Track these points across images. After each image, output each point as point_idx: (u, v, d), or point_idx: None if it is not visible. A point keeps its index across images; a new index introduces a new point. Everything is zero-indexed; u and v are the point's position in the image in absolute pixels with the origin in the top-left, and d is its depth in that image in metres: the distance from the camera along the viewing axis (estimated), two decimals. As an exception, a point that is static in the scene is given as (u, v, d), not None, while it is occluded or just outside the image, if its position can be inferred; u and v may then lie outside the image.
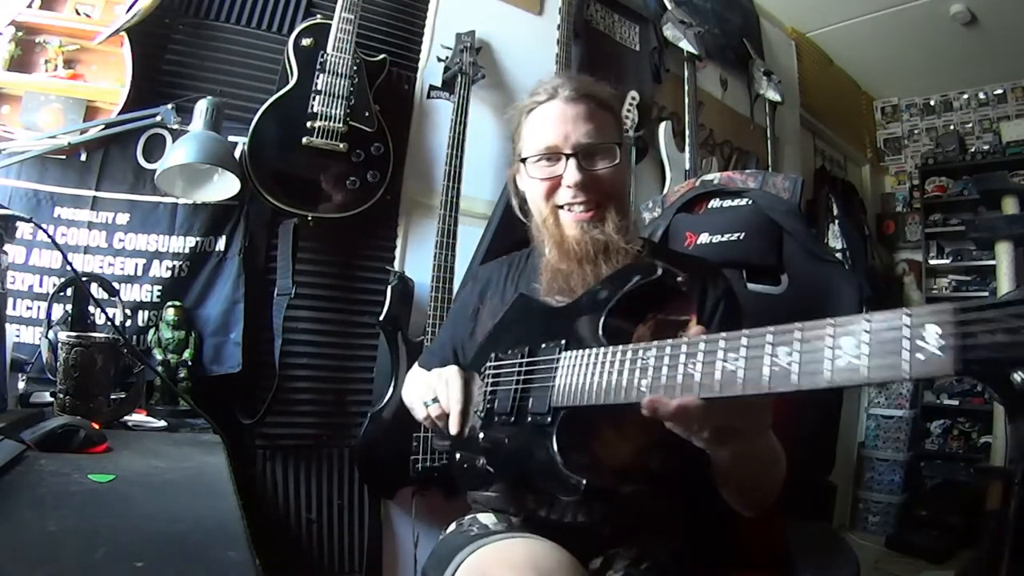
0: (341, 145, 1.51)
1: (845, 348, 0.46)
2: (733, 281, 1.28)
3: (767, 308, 1.25)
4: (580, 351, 0.73)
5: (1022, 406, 0.40)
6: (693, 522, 0.85)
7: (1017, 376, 0.38)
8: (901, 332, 0.42)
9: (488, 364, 0.88)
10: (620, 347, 0.68)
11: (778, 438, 0.78)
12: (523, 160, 0.93)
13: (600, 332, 0.73)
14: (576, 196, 0.89)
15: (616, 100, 0.98)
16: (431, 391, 0.88)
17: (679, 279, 0.71)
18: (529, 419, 0.76)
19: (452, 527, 0.92)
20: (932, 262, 3.83)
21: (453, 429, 0.84)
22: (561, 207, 0.92)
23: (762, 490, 0.78)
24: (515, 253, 1.10)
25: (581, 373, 0.72)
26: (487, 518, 0.90)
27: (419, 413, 0.92)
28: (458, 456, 0.88)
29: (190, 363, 1.43)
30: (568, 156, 0.89)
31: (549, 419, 0.73)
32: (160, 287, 1.46)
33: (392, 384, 1.53)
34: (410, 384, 1.06)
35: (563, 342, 0.77)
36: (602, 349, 0.71)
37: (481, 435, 0.84)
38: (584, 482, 0.67)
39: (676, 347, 0.61)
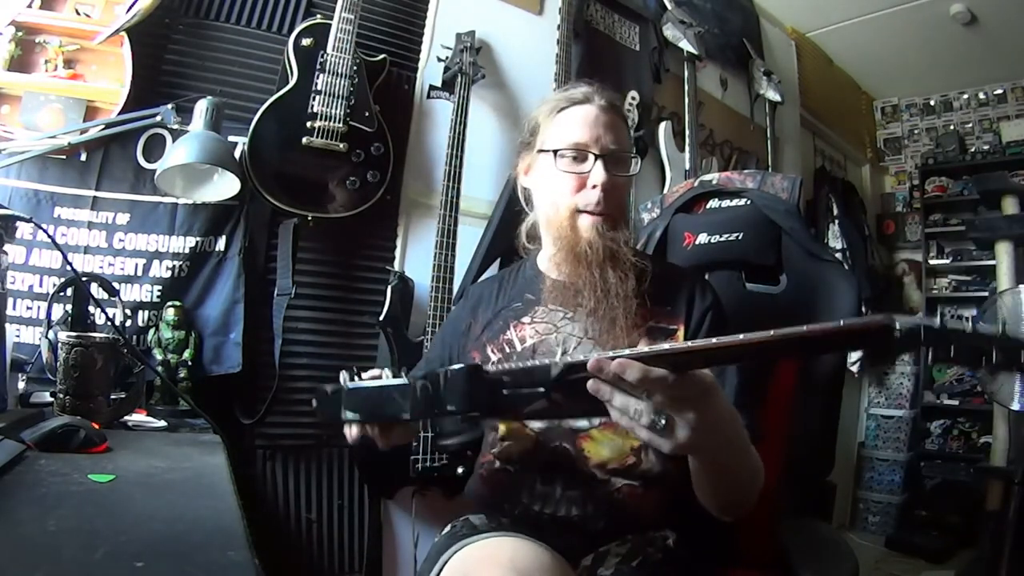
0: (341, 145, 1.51)
1: None
2: (732, 281, 1.30)
3: (766, 307, 1.25)
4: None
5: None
6: (687, 519, 0.86)
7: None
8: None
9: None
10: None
11: (777, 437, 0.79)
12: (553, 152, 0.94)
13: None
14: (599, 199, 0.91)
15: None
16: None
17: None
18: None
19: (447, 528, 0.93)
20: (932, 262, 3.82)
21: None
22: (580, 211, 0.93)
23: (735, 505, 0.77)
24: (505, 270, 1.12)
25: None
26: (477, 518, 0.90)
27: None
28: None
29: (190, 363, 1.43)
30: (597, 157, 0.92)
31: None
32: (160, 287, 1.46)
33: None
34: None
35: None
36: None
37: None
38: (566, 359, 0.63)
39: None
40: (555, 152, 0.94)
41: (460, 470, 1.49)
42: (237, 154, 1.47)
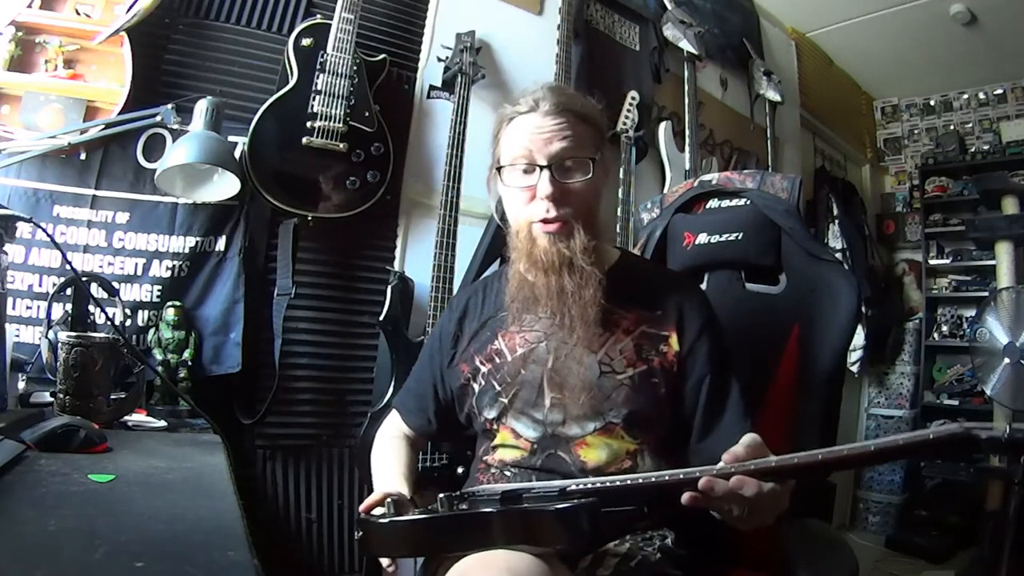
0: (341, 145, 1.51)
1: None
2: (732, 281, 1.30)
3: (765, 307, 1.25)
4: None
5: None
6: (686, 520, 0.86)
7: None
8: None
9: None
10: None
11: (777, 437, 0.79)
12: (499, 168, 0.94)
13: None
14: (548, 209, 0.89)
15: (598, 114, 0.98)
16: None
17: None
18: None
19: None
20: (932, 262, 3.82)
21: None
22: (534, 222, 0.92)
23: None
24: (488, 277, 1.11)
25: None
26: None
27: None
28: None
29: (190, 363, 1.43)
30: (542, 168, 0.89)
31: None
32: (160, 287, 1.46)
33: (392, 384, 1.53)
34: (376, 460, 1.06)
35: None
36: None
37: None
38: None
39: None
40: (502, 168, 0.93)
41: (460, 470, 1.49)
42: (237, 154, 1.47)
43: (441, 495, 0.78)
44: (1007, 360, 2.67)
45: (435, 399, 1.05)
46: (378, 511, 0.83)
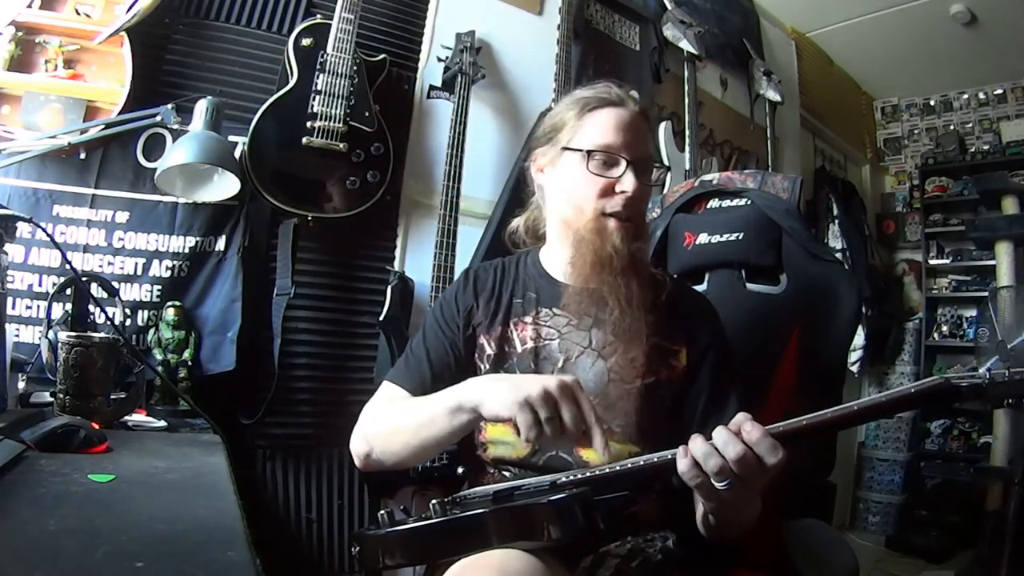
0: (341, 145, 1.51)
1: None
2: (732, 281, 1.29)
3: (766, 308, 1.25)
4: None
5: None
6: (687, 520, 0.86)
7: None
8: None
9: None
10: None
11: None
12: (587, 152, 0.90)
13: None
14: (626, 205, 0.89)
15: None
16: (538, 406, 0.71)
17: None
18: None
19: None
20: (932, 262, 3.82)
21: (599, 447, 0.72)
22: (608, 215, 0.90)
23: (734, 527, 0.81)
24: (504, 259, 1.05)
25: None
26: None
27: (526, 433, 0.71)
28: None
29: (190, 363, 1.43)
30: (629, 163, 0.89)
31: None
32: (160, 287, 1.46)
33: (388, 378, 1.53)
34: (402, 415, 0.89)
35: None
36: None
37: None
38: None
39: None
40: (588, 153, 0.90)
41: (460, 470, 1.49)
42: (237, 154, 1.46)
43: (434, 501, 0.76)
44: (996, 357, 2.67)
45: (430, 370, 0.95)
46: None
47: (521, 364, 0.93)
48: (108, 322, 1.18)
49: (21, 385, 1.12)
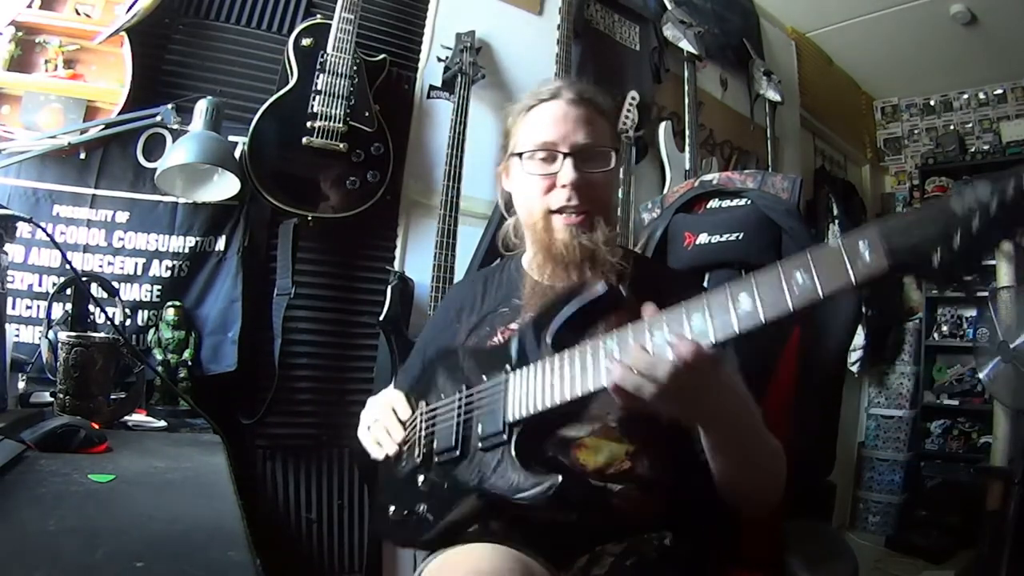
0: (341, 145, 1.51)
1: (798, 279, 0.55)
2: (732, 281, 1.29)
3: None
4: (530, 365, 0.74)
5: (947, 279, 0.47)
6: (685, 519, 0.85)
7: (935, 257, 0.49)
8: (840, 254, 0.52)
9: (420, 411, 0.89)
10: (575, 348, 0.69)
11: (776, 437, 0.79)
12: (519, 155, 0.93)
13: (550, 345, 0.73)
14: (569, 198, 0.88)
15: (614, 109, 0.98)
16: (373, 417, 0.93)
17: (623, 292, 0.73)
18: (480, 444, 0.76)
19: None
20: (932, 262, 3.82)
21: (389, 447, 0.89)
22: (553, 212, 0.90)
23: (763, 490, 0.79)
24: (488, 269, 1.08)
25: (536, 380, 0.73)
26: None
27: (366, 444, 0.97)
28: (391, 510, 0.87)
29: (190, 363, 1.43)
30: (565, 155, 0.88)
31: (505, 435, 0.74)
32: (160, 287, 1.46)
33: (392, 384, 1.53)
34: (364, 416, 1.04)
35: (507, 367, 0.77)
36: (556, 355, 0.71)
37: (421, 478, 0.83)
38: (559, 479, 0.67)
39: (638, 326, 0.63)
40: (521, 155, 0.91)
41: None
42: (237, 154, 1.47)
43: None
44: (999, 358, 2.67)
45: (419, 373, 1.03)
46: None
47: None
48: (108, 322, 1.19)
49: (21, 385, 1.12)
